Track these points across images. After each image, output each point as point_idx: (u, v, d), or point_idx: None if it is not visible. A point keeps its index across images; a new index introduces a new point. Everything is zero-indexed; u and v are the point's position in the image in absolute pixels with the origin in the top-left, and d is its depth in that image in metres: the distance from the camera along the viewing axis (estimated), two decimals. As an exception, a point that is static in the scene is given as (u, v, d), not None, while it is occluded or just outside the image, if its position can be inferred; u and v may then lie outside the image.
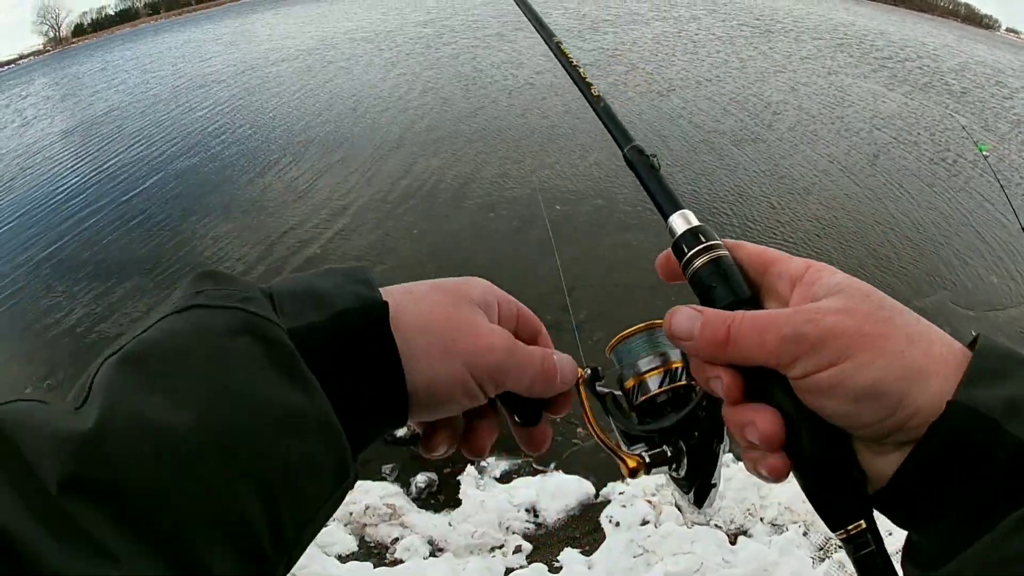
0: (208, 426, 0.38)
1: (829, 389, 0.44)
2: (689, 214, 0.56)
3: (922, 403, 0.43)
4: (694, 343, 0.49)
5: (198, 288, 0.46)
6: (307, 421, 0.42)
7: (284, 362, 0.42)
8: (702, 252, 0.53)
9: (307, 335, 0.45)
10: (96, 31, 69.32)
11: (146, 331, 0.42)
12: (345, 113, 15.19)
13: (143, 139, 14.65)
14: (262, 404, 0.40)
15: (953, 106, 17.52)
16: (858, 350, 0.44)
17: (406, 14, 32.14)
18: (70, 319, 7.60)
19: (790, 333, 0.45)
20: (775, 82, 17.87)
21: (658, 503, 4.30)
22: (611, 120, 0.66)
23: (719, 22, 29.49)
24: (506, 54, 20.48)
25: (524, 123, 13.54)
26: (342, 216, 9.44)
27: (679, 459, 0.57)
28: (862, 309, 0.45)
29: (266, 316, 0.44)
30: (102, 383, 0.39)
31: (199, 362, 0.40)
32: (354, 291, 0.49)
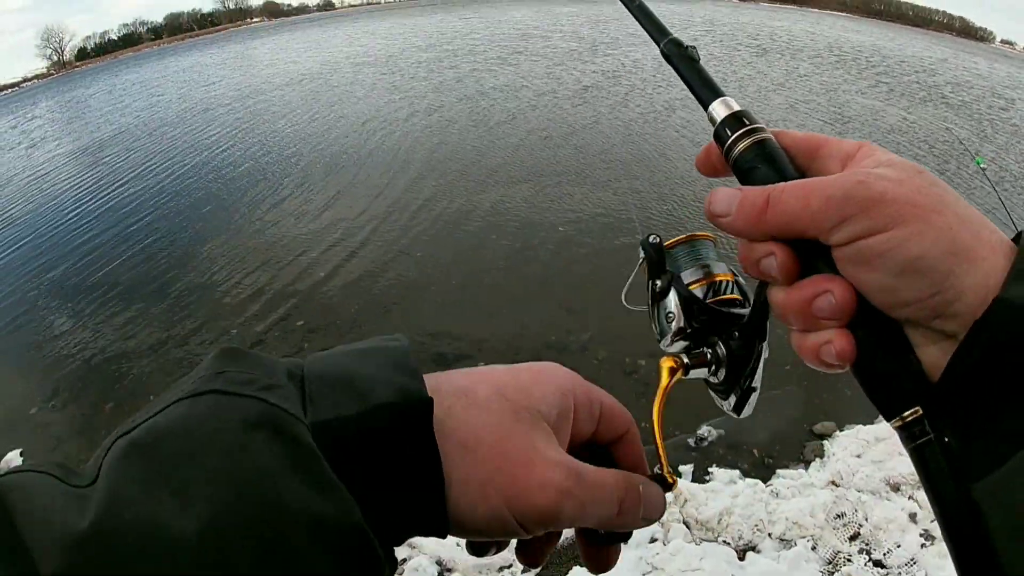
0: (217, 531, 0.34)
1: (874, 258, 0.42)
2: (731, 100, 0.54)
3: (968, 285, 0.41)
4: (731, 218, 0.47)
5: (219, 369, 0.41)
6: (329, 529, 0.36)
7: (304, 463, 0.38)
8: (744, 136, 0.51)
9: (338, 431, 0.40)
10: (99, 55, 70.38)
11: (159, 413, 0.39)
12: (351, 135, 15.30)
13: (148, 163, 14.78)
14: (277, 508, 0.35)
15: (951, 119, 17.62)
16: (908, 220, 0.41)
17: (407, 39, 32.61)
18: (75, 340, 7.61)
19: (838, 194, 0.43)
20: (775, 100, 18.01)
21: (666, 520, 4.29)
22: (646, 17, 0.64)
23: (716, 42, 29.80)
24: (508, 76, 20.68)
25: (532, 141, 13.64)
26: (351, 239, 9.45)
27: (719, 363, 0.55)
28: (914, 182, 0.43)
29: (287, 409, 0.39)
30: (108, 469, 0.36)
31: (211, 458, 0.36)
32: (398, 382, 0.42)
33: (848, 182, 0.43)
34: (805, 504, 4.38)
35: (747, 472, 4.88)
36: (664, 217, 9.17)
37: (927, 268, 0.41)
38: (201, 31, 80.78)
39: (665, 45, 0.60)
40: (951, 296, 0.41)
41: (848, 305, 0.44)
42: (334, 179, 12.26)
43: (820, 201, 0.43)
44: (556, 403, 0.48)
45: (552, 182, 11.11)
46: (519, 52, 26.43)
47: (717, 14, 47.45)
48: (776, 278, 0.47)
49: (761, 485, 4.65)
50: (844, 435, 5.15)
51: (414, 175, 11.95)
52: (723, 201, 0.48)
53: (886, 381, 0.45)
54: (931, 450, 0.42)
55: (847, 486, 4.60)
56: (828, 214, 0.43)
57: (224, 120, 18.57)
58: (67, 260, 9.93)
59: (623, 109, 15.80)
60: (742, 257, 0.49)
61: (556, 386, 0.49)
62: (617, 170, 11.75)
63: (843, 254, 0.43)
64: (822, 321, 0.45)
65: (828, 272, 0.45)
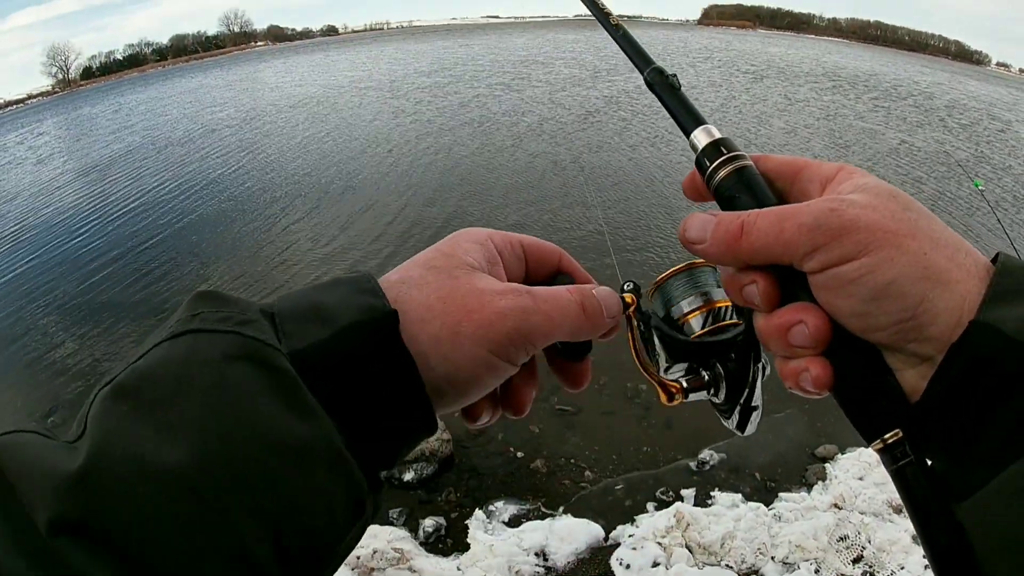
0: (205, 461, 0.35)
1: (847, 285, 0.42)
2: (712, 128, 0.55)
3: (942, 308, 0.41)
4: (706, 244, 0.48)
5: (194, 311, 0.42)
6: (311, 452, 0.38)
7: (284, 390, 0.39)
8: (724, 163, 0.52)
9: (311, 356, 0.42)
10: (104, 75, 70.98)
11: (140, 359, 0.40)
12: (362, 158, 15.47)
13: (153, 182, 14.89)
14: (262, 436, 0.37)
15: (951, 142, 17.75)
16: (880, 246, 0.42)
17: (411, 64, 32.96)
18: (76, 356, 7.62)
19: (810, 221, 0.43)
20: (776, 125, 18.15)
21: (668, 545, 4.26)
22: (631, 45, 0.64)
23: (715, 68, 30.15)
24: (512, 102, 20.90)
25: (532, 165, 13.75)
26: (350, 259, 9.53)
27: (717, 384, 0.56)
28: (888, 207, 0.43)
29: (265, 340, 0.41)
30: (94, 416, 0.38)
31: (194, 393, 0.38)
32: (360, 302, 0.45)
33: (820, 209, 0.44)
34: (808, 527, 4.36)
35: (749, 495, 4.86)
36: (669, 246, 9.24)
37: (900, 293, 0.41)
38: (206, 54, 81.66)
39: (648, 73, 0.61)
40: (926, 320, 0.41)
41: (822, 334, 0.45)
42: (346, 203, 12.36)
43: (793, 229, 0.44)
44: (480, 253, 0.51)
45: (559, 204, 11.20)
46: (522, 78, 26.73)
47: (713, 42, 48.05)
48: (759, 306, 0.48)
49: (763, 508, 4.63)
50: (846, 457, 5.14)
51: (425, 199, 12.07)
52: (697, 227, 0.49)
53: (866, 405, 0.45)
54: (913, 472, 0.43)
55: (850, 508, 4.58)
56: (801, 241, 0.43)
57: (232, 141, 18.77)
58: (73, 277, 9.97)
59: (625, 135, 15.89)
60: (726, 284, 0.50)
61: (473, 240, 0.52)
62: (613, 193, 11.84)
63: (817, 281, 0.44)
64: (798, 349, 0.46)
65: (805, 299, 0.46)
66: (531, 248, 0.56)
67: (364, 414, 0.43)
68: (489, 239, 0.53)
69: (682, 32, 47.97)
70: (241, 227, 11.43)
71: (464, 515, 4.83)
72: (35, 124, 30.61)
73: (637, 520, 4.65)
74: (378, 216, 11.26)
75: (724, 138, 0.54)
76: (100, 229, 12.14)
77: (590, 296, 0.51)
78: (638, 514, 4.74)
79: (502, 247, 0.54)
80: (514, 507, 4.91)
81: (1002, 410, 0.39)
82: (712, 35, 55.88)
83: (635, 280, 0.59)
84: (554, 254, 0.57)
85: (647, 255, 8.95)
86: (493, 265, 0.52)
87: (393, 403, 0.44)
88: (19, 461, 0.35)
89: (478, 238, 0.53)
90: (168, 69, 66.26)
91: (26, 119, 34.43)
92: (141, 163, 17.14)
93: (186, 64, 70.50)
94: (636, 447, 5.37)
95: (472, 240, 0.52)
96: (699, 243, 0.48)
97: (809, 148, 15.58)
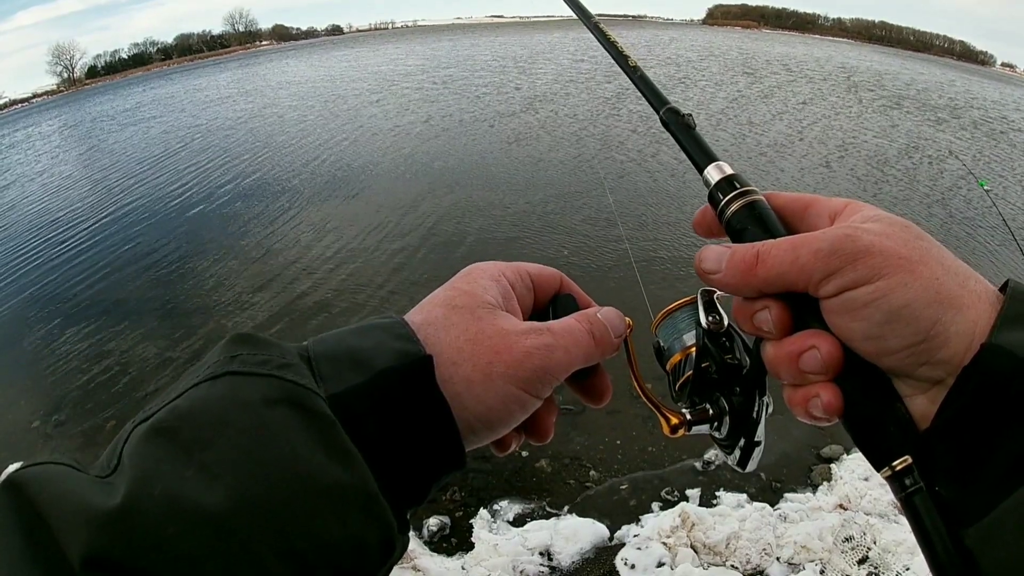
0: (243, 504, 0.36)
1: (862, 308, 0.43)
2: (724, 165, 0.56)
3: (954, 332, 0.42)
4: (721, 274, 0.49)
5: (233, 352, 0.44)
6: (348, 496, 0.39)
7: (324, 434, 0.41)
8: (737, 198, 0.53)
9: (349, 400, 0.43)
10: (109, 74, 71.17)
11: (178, 398, 0.41)
12: (362, 156, 15.48)
13: (159, 181, 14.93)
14: (300, 480, 0.38)
15: (956, 142, 17.72)
16: (893, 270, 0.43)
17: (421, 62, 32.98)
18: (80, 355, 7.64)
19: (825, 247, 0.44)
20: (779, 127, 18.09)
21: (673, 545, 4.26)
22: (647, 86, 0.67)
23: (725, 69, 30.08)
24: (522, 123, 20.88)
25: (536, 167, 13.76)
26: (353, 258, 9.52)
27: (721, 418, 0.57)
28: (900, 235, 0.45)
29: (305, 384, 0.42)
30: (132, 453, 0.38)
31: (235, 435, 0.39)
32: (395, 348, 0.47)
33: (836, 236, 0.45)
34: (813, 528, 4.35)
35: (755, 496, 4.85)
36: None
37: (913, 316, 0.42)
38: (211, 53, 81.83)
39: (664, 113, 0.63)
40: (938, 343, 0.42)
41: (834, 360, 0.45)
42: (339, 201, 12.39)
43: (808, 254, 0.45)
44: (496, 290, 0.54)
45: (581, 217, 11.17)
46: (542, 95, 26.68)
47: (727, 41, 47.92)
48: (770, 332, 0.49)
49: (769, 509, 4.62)
50: (851, 458, 5.13)
51: (439, 196, 12.09)
52: (712, 259, 0.50)
53: (875, 432, 0.46)
54: (922, 498, 0.43)
55: (855, 509, 4.57)
56: (816, 267, 0.45)
57: (242, 138, 18.85)
58: (78, 275, 10.01)
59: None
60: (736, 312, 0.51)
61: (488, 276, 0.55)
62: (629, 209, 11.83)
63: (831, 305, 0.45)
64: (809, 375, 0.47)
65: (816, 326, 0.47)
66: (537, 277, 0.59)
67: (399, 456, 0.44)
68: (502, 275, 0.56)
69: (691, 31, 47.84)
70: (238, 223, 11.46)
71: (468, 514, 4.83)
72: (38, 124, 30.80)
73: (642, 520, 4.65)
74: (403, 212, 11.27)
75: (736, 174, 0.55)
76: (109, 228, 12.18)
77: (597, 322, 0.54)
78: (643, 514, 4.74)
79: (513, 280, 0.56)
80: (519, 506, 4.91)
81: (1012, 432, 0.40)
82: (720, 35, 55.85)
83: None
84: (555, 278, 0.60)
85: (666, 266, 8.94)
86: (508, 300, 0.54)
87: (427, 444, 0.46)
88: (51, 493, 0.35)
89: (492, 274, 0.55)
90: (173, 68, 66.43)
91: (30, 118, 34.64)
92: (147, 161, 17.20)
93: (191, 63, 70.67)
94: (641, 447, 5.36)
95: (487, 277, 0.55)
96: (714, 273, 0.50)
97: (813, 153, 15.53)
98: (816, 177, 13.29)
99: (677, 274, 8.17)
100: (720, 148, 1.35)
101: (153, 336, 7.90)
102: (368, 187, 13.08)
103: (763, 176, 12.71)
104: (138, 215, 12.67)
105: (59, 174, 17.69)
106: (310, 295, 8.52)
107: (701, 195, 0.56)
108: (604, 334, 0.54)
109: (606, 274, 8.31)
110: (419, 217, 10.98)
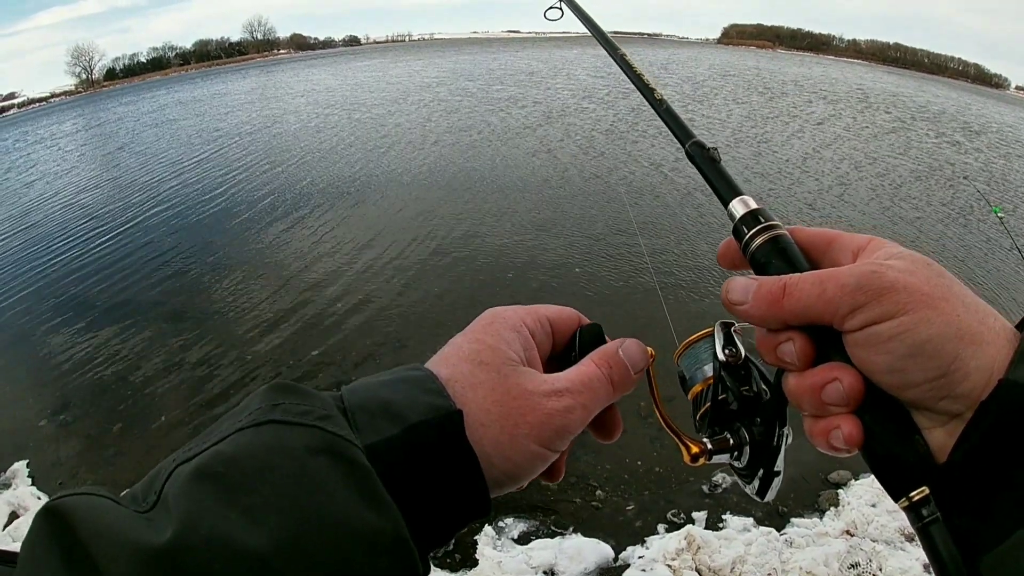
0: (286, 546, 0.38)
1: (886, 342, 0.45)
2: (749, 199, 0.57)
3: (974, 367, 0.43)
4: (748, 305, 0.51)
5: (275, 401, 0.46)
6: (380, 541, 0.41)
7: (361, 483, 0.43)
8: (761, 232, 0.55)
9: (384, 451, 0.46)
10: (127, 77, 72.08)
11: (222, 442, 0.43)
12: (378, 165, 15.60)
13: (173, 184, 15.12)
14: (339, 525, 0.40)
15: (970, 164, 17.63)
16: (917, 306, 0.44)
17: (441, 74, 33.18)
18: (89, 356, 7.70)
19: (852, 282, 0.46)
20: (794, 148, 18.07)
21: (678, 568, 4.23)
22: (673, 120, 0.69)
23: (741, 87, 30.13)
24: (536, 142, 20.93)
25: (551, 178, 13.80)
26: (370, 270, 9.54)
27: (741, 448, 0.58)
28: (923, 272, 0.46)
29: (344, 436, 0.45)
30: (178, 494, 0.40)
31: (278, 481, 0.41)
32: (426, 401, 0.49)
33: (862, 272, 0.47)
34: (819, 553, 4.32)
35: (761, 520, 4.82)
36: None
37: (935, 351, 0.44)
38: (228, 59, 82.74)
39: (690, 146, 0.65)
40: (958, 377, 0.44)
41: (856, 392, 0.47)
42: (354, 210, 12.46)
43: (835, 289, 0.46)
44: (519, 342, 0.56)
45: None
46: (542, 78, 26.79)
47: (743, 61, 47.95)
48: (793, 363, 0.50)
49: (775, 533, 4.59)
50: (859, 484, 5.09)
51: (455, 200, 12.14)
52: (739, 290, 0.52)
53: (893, 462, 0.47)
54: (938, 528, 0.44)
55: (862, 535, 4.53)
56: (843, 301, 0.46)
57: (266, 143, 19.12)
58: (91, 275, 10.13)
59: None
60: (760, 344, 0.52)
61: (510, 328, 0.57)
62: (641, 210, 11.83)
63: (856, 339, 0.46)
64: (831, 407, 0.48)
65: (838, 359, 0.48)
66: (556, 321, 0.60)
67: (429, 504, 0.47)
68: (523, 324, 0.58)
69: (708, 51, 48.09)
70: (254, 228, 11.54)
71: (473, 531, 4.80)
72: (58, 123, 31.30)
73: (647, 541, 4.63)
74: (421, 222, 11.33)
75: (761, 208, 0.57)
76: (129, 228, 12.33)
77: (618, 363, 0.56)
78: (648, 535, 4.72)
79: (533, 328, 0.58)
80: (523, 524, 4.89)
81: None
82: (732, 55, 56.01)
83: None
84: (573, 319, 0.62)
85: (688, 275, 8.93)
86: (528, 350, 0.56)
87: (456, 494, 0.48)
88: (94, 524, 0.37)
89: (513, 324, 0.57)
90: (191, 73, 67.20)
91: (49, 118, 35.21)
92: (171, 163, 17.42)
93: (209, 69, 71.47)
94: (648, 467, 5.34)
95: (509, 328, 0.57)
96: (741, 304, 0.51)
97: (830, 173, 15.49)
98: (830, 198, 13.27)
99: (700, 299, 8.16)
100: (736, 169, 1.36)
101: (163, 339, 7.94)
102: (392, 196, 13.15)
103: (777, 198, 12.67)
104: (158, 217, 12.84)
105: (83, 173, 17.98)
106: (323, 306, 8.54)
107: (721, 217, 0.57)
108: (624, 375, 0.56)
109: (629, 297, 8.34)
110: (442, 226, 11.03)
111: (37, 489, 5.50)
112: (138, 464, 5.73)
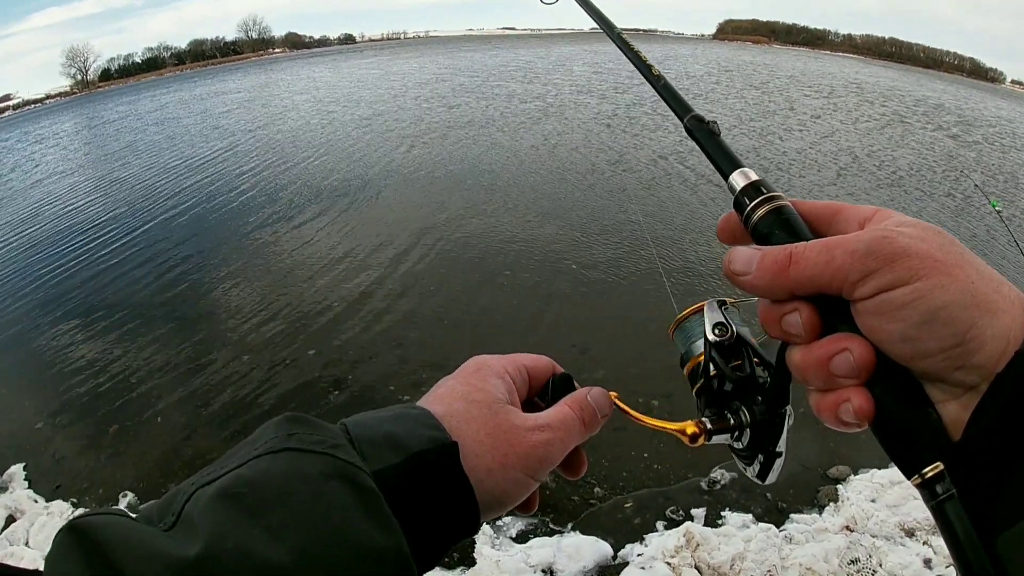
0: (303, 561, 0.42)
1: (899, 309, 0.43)
2: (749, 171, 0.56)
3: (989, 336, 0.42)
4: (752, 276, 0.49)
5: (290, 431, 0.52)
6: (386, 557, 0.46)
7: (369, 505, 0.47)
8: (763, 203, 0.53)
9: (388, 477, 0.51)
10: (122, 77, 72.11)
11: (241, 467, 0.48)
12: (376, 165, 15.55)
13: (173, 186, 15.06)
14: (351, 543, 0.45)
15: (968, 157, 17.66)
16: (930, 272, 0.42)
17: (439, 71, 33.17)
18: (86, 359, 7.67)
19: (862, 248, 0.44)
20: (791, 142, 18.08)
21: (677, 565, 4.22)
22: (671, 95, 0.68)
23: (729, 85, 30.13)
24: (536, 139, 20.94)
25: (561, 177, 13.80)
26: (366, 272, 9.53)
27: (742, 429, 0.56)
28: (934, 239, 0.44)
29: (354, 463, 0.50)
30: (202, 512, 0.44)
31: (296, 502, 0.45)
32: (426, 434, 0.56)
33: (872, 237, 0.45)
34: (819, 549, 4.31)
35: (760, 516, 4.80)
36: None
37: (950, 319, 0.42)
38: (224, 59, 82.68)
39: (688, 120, 0.64)
40: (974, 346, 0.42)
41: (867, 363, 0.45)
42: (377, 208, 12.48)
43: (844, 255, 0.44)
44: (503, 386, 0.64)
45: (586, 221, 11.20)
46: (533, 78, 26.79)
47: (739, 56, 47.99)
48: (799, 335, 0.48)
49: (774, 530, 4.58)
50: (858, 479, 5.08)
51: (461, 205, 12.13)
52: (743, 260, 0.50)
53: (906, 438, 0.45)
54: (953, 505, 0.42)
55: (861, 531, 4.52)
56: (853, 267, 0.44)
57: (269, 142, 19.06)
58: (87, 277, 10.10)
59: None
60: (763, 317, 0.50)
61: (495, 374, 0.65)
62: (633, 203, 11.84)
63: (866, 307, 0.44)
64: (840, 379, 0.46)
65: (845, 329, 0.46)
66: (532, 368, 0.69)
67: (427, 524, 0.53)
68: (505, 371, 0.66)
69: (703, 47, 48.20)
70: (254, 232, 11.50)
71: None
72: (53, 124, 31.27)
73: (646, 539, 4.61)
74: (426, 217, 11.32)
75: (761, 179, 0.55)
76: (129, 230, 12.29)
77: (587, 408, 0.64)
78: (647, 532, 4.70)
79: (514, 375, 0.66)
80: (522, 522, 4.88)
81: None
82: (730, 50, 56.06)
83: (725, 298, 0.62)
84: (547, 366, 0.70)
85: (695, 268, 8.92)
86: (511, 393, 0.64)
87: (452, 516, 0.55)
88: (121, 539, 0.40)
89: (497, 371, 0.65)
90: (186, 73, 67.15)
91: (44, 119, 35.17)
92: (153, 167, 17.37)
93: (203, 68, 71.43)
94: (646, 464, 5.32)
95: (494, 374, 0.65)
96: (744, 274, 0.49)
97: (825, 167, 15.51)
98: (831, 190, 13.32)
99: (705, 277, 8.16)
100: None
101: (161, 343, 7.91)
102: (397, 198, 13.15)
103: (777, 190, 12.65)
104: (158, 218, 12.83)
105: (73, 174, 17.93)
106: (319, 306, 8.54)
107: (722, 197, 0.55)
108: (593, 418, 0.64)
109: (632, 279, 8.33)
110: (445, 226, 11.03)
111: (34, 492, 5.46)
112: (135, 466, 5.72)
